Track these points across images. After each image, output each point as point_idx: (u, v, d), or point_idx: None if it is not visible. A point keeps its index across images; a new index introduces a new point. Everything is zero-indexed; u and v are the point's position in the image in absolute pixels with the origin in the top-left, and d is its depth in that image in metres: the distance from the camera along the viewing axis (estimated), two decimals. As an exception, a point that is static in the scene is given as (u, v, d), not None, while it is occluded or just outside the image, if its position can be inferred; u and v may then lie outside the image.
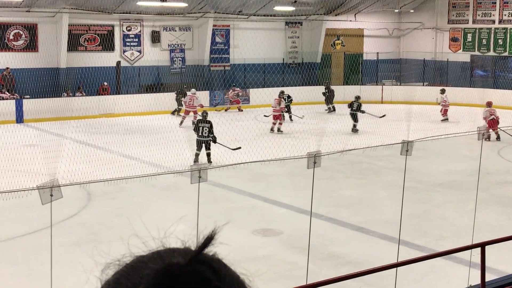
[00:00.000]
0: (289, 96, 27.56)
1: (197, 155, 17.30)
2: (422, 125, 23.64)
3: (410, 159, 9.94)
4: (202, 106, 25.20)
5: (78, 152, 17.84)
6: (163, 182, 14.84)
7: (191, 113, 25.05)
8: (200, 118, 17.36)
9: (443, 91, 28.76)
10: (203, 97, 28.43)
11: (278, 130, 23.67)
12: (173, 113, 27.96)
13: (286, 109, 25.79)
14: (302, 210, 12.94)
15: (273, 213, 13.18)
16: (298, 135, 22.50)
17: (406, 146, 8.99)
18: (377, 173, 16.98)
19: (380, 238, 11.65)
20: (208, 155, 17.09)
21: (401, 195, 9.23)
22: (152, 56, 30.83)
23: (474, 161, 13.71)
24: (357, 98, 24.92)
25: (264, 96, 28.74)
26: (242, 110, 29.75)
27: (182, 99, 26.79)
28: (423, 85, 35.10)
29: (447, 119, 27.51)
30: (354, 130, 23.76)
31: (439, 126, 25.43)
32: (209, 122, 16.88)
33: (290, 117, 26.83)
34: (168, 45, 31.84)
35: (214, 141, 16.81)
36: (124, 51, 30.71)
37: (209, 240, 0.97)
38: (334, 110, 29.92)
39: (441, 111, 27.81)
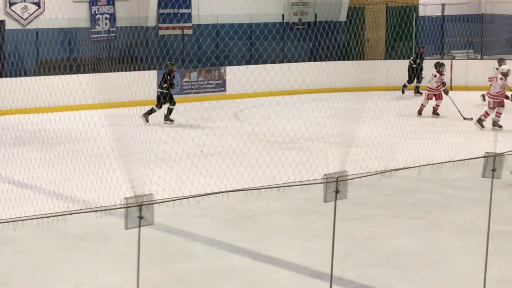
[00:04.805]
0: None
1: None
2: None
3: (499, 185, 8.94)
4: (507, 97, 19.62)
5: None
6: (78, 226, 11.76)
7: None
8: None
9: (501, 61, 21.25)
10: (146, 80, 22.36)
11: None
12: (146, 115, 20.20)
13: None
14: (316, 273, 10.08)
15: (269, 279, 10.16)
16: (310, 144, 17.92)
17: (493, 163, 7.57)
18: (444, 209, 13.69)
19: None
20: None
21: (484, 247, 7.93)
22: (60, 11, 22.50)
23: None
24: None
25: (250, 79, 21.36)
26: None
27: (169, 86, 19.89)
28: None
29: None
30: None
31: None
32: None
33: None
34: (87, -6, 24.17)
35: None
36: (11, 3, 23.39)
37: None
38: (418, 92, 24.79)
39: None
